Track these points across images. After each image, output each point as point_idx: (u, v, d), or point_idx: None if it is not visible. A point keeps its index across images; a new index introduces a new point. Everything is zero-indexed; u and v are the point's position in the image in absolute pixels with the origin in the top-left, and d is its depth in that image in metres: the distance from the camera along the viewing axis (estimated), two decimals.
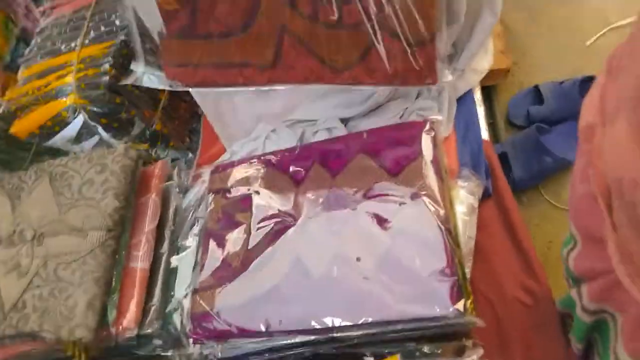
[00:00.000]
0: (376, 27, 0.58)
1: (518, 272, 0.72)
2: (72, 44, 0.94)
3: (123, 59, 0.88)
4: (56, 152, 0.94)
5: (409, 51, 0.57)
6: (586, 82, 1.12)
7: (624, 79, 0.38)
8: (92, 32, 0.95)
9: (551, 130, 1.11)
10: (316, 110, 0.88)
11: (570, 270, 0.57)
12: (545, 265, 1.03)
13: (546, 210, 1.09)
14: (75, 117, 0.87)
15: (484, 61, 0.88)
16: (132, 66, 0.77)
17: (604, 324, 0.54)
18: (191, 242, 0.70)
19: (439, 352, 0.52)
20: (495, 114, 1.22)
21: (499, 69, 1.14)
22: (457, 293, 0.50)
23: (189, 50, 0.68)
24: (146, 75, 0.77)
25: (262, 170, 0.68)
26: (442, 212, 0.56)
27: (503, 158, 1.11)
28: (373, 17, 0.57)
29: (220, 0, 0.64)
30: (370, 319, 0.51)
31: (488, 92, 1.24)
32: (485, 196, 0.78)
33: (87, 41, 0.93)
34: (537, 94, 1.17)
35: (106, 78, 0.85)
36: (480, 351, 0.52)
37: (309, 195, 0.63)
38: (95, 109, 0.86)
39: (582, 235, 0.54)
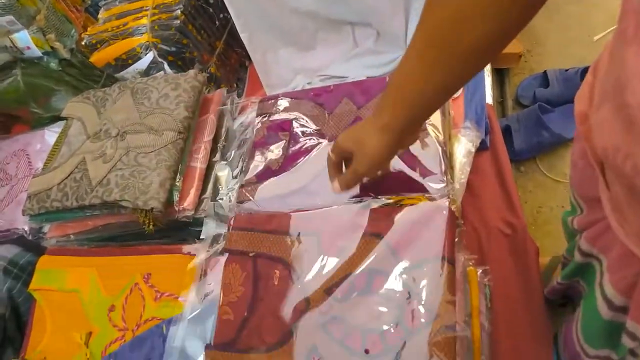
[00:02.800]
0: None
1: (501, 208, 0.87)
2: None
3: (192, 8, 1.04)
4: None
5: None
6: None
7: (605, 77, 0.48)
8: None
9: (553, 110, 1.25)
10: (348, 68, 1.04)
11: (575, 228, 0.70)
12: (534, 225, 1.19)
13: (540, 179, 1.23)
14: (147, 53, 1.04)
15: None
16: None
17: (590, 268, 0.67)
18: (237, 157, 0.87)
19: None
20: (506, 94, 1.36)
21: (512, 52, 1.28)
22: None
23: None
24: None
25: (301, 101, 0.84)
26: (441, 137, 0.72)
27: (506, 131, 1.25)
28: None
29: (268, 317, 0.66)
30: None
31: (501, 74, 1.38)
32: (483, 149, 0.93)
33: None
34: (544, 79, 1.31)
35: (177, 21, 1.01)
36: None
37: (338, 120, 0.78)
38: (164, 47, 1.02)
39: (585, 201, 0.66)
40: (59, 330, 0.79)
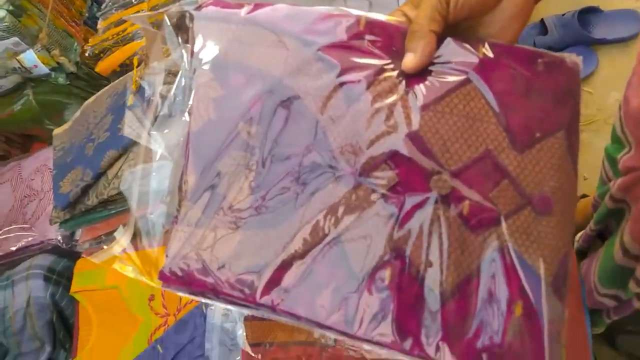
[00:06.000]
0: None
1: None
2: None
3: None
4: None
5: None
6: (584, 13, 1.25)
7: None
8: None
9: None
10: None
11: (619, 169, 0.67)
12: None
13: None
14: None
15: None
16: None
17: (620, 212, 0.68)
18: None
19: None
20: None
21: None
22: None
23: (265, 330, 0.67)
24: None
25: None
26: None
27: None
28: None
29: None
30: None
31: None
32: None
33: None
34: (542, 27, 1.31)
35: (175, 20, 1.04)
36: None
37: None
38: None
39: (635, 139, 0.64)
40: (105, 327, 0.83)
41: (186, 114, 0.42)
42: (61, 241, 0.97)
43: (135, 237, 0.46)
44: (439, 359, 0.33)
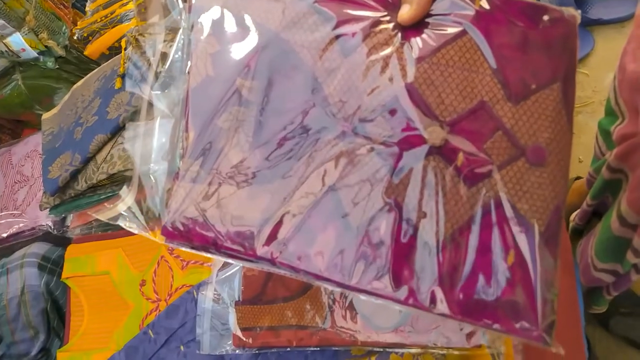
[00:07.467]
0: None
1: None
2: None
3: None
4: None
5: None
6: None
7: None
8: None
9: None
10: None
11: (612, 139, 0.67)
12: None
13: None
14: None
15: None
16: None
17: (617, 183, 0.67)
18: None
19: None
20: None
21: None
22: None
23: (256, 315, 0.66)
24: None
25: None
26: None
27: None
28: None
29: None
30: None
31: None
32: None
33: None
34: None
35: (163, 1, 1.02)
36: None
37: None
38: None
39: (629, 108, 0.63)
40: (96, 312, 0.82)
41: (186, 71, 0.42)
42: (52, 227, 0.96)
43: (139, 194, 0.46)
44: (433, 309, 0.34)
